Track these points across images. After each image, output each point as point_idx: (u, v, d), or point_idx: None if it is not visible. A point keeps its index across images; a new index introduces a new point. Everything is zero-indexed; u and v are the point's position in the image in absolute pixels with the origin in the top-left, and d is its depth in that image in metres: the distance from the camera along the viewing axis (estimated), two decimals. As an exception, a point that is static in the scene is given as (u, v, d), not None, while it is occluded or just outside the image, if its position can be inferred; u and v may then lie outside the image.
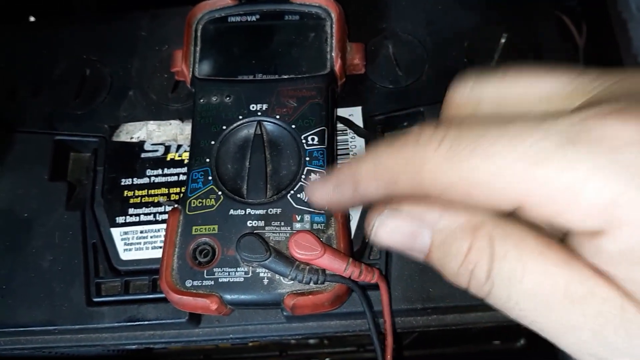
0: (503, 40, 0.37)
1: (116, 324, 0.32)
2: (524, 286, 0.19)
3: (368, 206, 0.25)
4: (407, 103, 0.36)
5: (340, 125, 0.36)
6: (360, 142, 0.36)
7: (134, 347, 0.35)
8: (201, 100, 0.33)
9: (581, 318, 0.18)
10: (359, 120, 0.36)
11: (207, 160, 0.31)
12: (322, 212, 0.30)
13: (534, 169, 0.17)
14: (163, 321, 0.32)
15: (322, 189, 0.25)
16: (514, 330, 0.47)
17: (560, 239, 0.20)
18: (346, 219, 0.31)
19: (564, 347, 0.19)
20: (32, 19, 0.54)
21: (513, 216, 0.23)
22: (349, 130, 0.36)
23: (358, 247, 0.33)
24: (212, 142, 0.32)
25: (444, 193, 0.20)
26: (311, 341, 0.48)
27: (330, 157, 0.32)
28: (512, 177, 0.18)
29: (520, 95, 0.21)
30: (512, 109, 0.21)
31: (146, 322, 0.32)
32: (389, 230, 0.22)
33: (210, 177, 0.31)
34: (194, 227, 0.30)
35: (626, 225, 0.17)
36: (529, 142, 0.17)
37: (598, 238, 0.17)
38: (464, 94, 0.22)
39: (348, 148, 0.35)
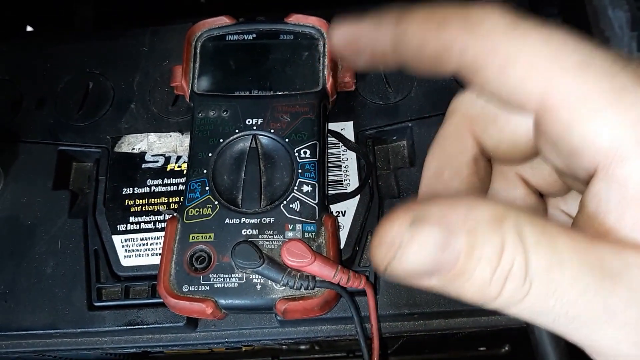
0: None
1: (116, 328, 0.34)
2: (565, 274, 0.16)
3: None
4: (396, 118, 0.38)
5: (332, 139, 0.38)
6: (351, 155, 0.37)
7: (132, 350, 0.36)
8: (199, 114, 0.35)
9: (626, 293, 0.16)
10: (350, 135, 0.38)
11: (205, 171, 0.33)
12: (313, 221, 0.31)
13: (565, 73, 0.17)
14: (161, 325, 0.34)
15: (358, 28, 0.20)
16: (498, 336, 0.49)
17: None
18: (336, 228, 0.33)
19: (604, 345, 0.17)
20: (29, 28, 0.56)
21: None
22: (340, 144, 0.37)
23: (349, 255, 0.34)
24: (210, 154, 0.34)
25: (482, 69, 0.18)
26: (302, 347, 0.50)
27: (321, 169, 0.33)
28: (544, 70, 0.17)
29: None
30: None
31: (145, 326, 0.34)
32: (418, 248, 0.17)
33: (207, 188, 0.33)
34: (191, 235, 0.31)
35: (633, 158, 0.16)
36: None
37: (601, 180, 0.17)
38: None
39: (340, 160, 0.37)
